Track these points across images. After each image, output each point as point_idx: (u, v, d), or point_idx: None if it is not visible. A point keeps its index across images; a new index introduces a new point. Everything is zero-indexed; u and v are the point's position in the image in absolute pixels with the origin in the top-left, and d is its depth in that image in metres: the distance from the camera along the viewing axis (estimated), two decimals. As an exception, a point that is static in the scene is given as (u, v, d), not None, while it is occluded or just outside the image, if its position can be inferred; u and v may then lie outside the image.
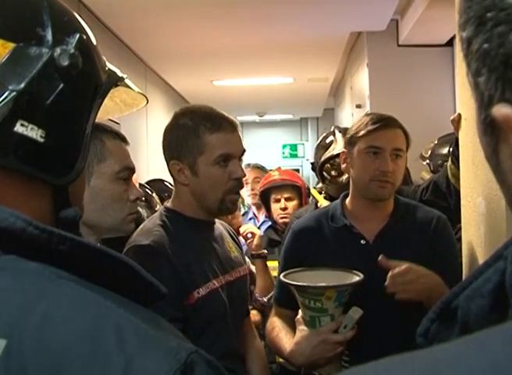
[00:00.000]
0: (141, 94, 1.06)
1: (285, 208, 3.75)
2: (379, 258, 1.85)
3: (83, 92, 0.79)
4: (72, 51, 0.76)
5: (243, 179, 1.93)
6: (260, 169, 4.64)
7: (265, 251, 3.23)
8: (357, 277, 1.86)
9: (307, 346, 1.84)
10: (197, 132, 1.84)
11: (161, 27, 5.20)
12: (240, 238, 3.21)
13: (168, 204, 1.98)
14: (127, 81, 0.93)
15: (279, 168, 4.12)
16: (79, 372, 0.61)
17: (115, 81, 0.86)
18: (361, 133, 2.06)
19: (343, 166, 2.16)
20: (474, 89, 0.52)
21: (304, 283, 1.83)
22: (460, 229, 2.80)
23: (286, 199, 3.78)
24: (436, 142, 3.48)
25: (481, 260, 2.06)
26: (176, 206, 1.93)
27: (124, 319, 0.65)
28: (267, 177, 3.97)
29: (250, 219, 4.37)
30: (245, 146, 1.95)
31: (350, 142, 2.11)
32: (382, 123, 2.05)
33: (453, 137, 2.40)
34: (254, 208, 4.47)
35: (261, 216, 4.33)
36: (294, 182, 3.80)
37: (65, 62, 0.75)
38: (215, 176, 1.85)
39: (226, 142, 1.86)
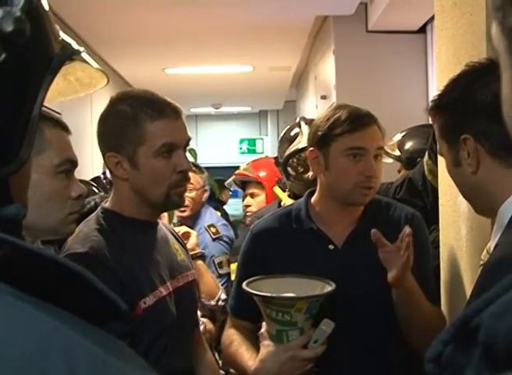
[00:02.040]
0: (101, 71, 0.97)
1: (248, 206, 3.71)
2: (372, 231, 1.80)
3: (30, 65, 0.70)
4: (18, 14, 0.66)
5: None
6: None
7: (203, 250, 3.19)
8: (328, 286, 1.81)
9: (274, 364, 1.79)
10: (137, 119, 1.76)
11: (108, 8, 5.09)
12: None
13: (106, 204, 1.90)
14: (85, 55, 0.84)
15: (256, 160, 4.09)
16: None
17: (71, 54, 0.78)
18: (338, 131, 1.96)
19: (313, 167, 2.06)
20: (508, 50, 0.46)
21: (273, 294, 1.77)
22: (433, 230, 2.78)
23: (251, 195, 3.74)
24: (401, 137, 3.42)
25: (462, 264, 2.03)
26: (115, 206, 1.86)
27: (76, 344, 0.58)
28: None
29: None
30: (199, 141, 1.90)
31: (323, 140, 1.99)
32: (363, 120, 1.96)
33: (423, 129, 2.36)
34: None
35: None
36: (254, 178, 3.75)
37: (9, 28, 0.65)
38: (158, 169, 1.79)
39: (170, 130, 1.79)
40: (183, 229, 3.13)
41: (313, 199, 2.08)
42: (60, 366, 0.55)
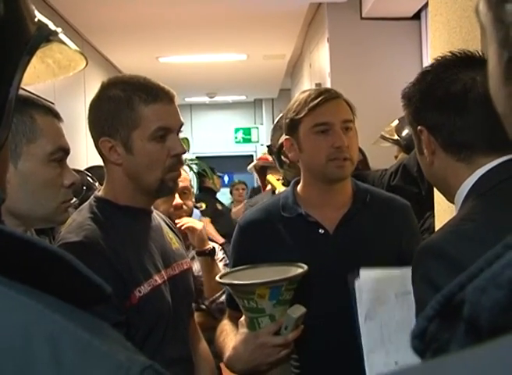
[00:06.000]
0: (79, 53, 0.96)
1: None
2: None
3: (4, 46, 0.68)
4: None
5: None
6: None
7: (211, 246, 2.84)
8: (299, 270, 1.80)
9: (245, 351, 1.81)
10: (131, 104, 1.76)
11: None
12: None
13: (99, 192, 1.89)
14: (62, 36, 0.83)
15: None
16: None
17: (47, 35, 0.77)
18: (303, 112, 1.98)
19: (290, 154, 2.08)
20: (494, 24, 0.46)
21: (232, 281, 1.79)
22: (428, 217, 2.78)
23: None
24: (398, 122, 3.44)
25: (457, 250, 2.03)
26: (108, 194, 1.85)
27: (60, 328, 0.57)
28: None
29: None
30: (194, 130, 1.89)
31: (292, 126, 2.03)
32: (324, 95, 1.98)
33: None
34: None
35: None
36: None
37: None
38: (153, 153, 1.78)
39: (164, 114, 1.79)
40: (188, 222, 2.75)
41: (299, 186, 2.08)
42: (45, 351, 0.54)
